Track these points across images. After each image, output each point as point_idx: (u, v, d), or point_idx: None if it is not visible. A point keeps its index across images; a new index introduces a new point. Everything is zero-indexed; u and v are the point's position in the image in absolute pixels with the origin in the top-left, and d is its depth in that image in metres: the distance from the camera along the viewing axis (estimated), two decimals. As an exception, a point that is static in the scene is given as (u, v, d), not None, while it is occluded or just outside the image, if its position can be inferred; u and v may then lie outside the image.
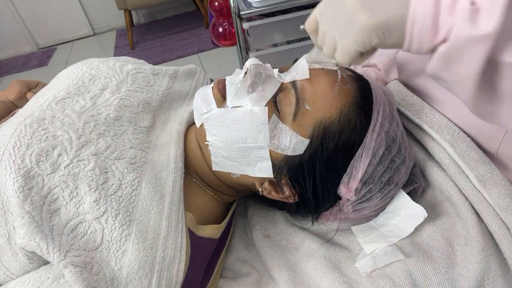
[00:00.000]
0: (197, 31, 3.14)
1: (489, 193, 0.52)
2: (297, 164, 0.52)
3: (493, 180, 0.52)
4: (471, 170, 0.53)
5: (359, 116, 0.51)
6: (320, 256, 0.56)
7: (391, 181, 0.53)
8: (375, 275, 0.52)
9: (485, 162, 0.53)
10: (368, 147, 0.51)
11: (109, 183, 0.47)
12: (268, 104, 0.51)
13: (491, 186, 0.52)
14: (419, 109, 0.60)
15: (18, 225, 0.42)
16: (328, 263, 0.55)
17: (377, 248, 0.55)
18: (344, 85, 0.52)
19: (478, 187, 0.53)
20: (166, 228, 0.47)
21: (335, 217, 0.59)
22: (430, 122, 0.58)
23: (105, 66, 0.63)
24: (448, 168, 0.57)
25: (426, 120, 0.59)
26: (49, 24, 3.34)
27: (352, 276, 0.53)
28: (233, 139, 0.52)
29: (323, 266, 0.54)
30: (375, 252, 0.54)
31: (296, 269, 0.56)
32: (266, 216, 0.64)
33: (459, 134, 0.55)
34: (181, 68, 0.75)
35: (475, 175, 0.53)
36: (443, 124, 0.57)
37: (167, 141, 0.58)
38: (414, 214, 0.55)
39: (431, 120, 0.58)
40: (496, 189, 0.52)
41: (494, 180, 0.52)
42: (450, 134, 0.56)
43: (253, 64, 0.52)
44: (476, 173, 0.53)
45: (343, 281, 0.52)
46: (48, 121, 0.50)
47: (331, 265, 0.54)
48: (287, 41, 1.62)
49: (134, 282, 0.42)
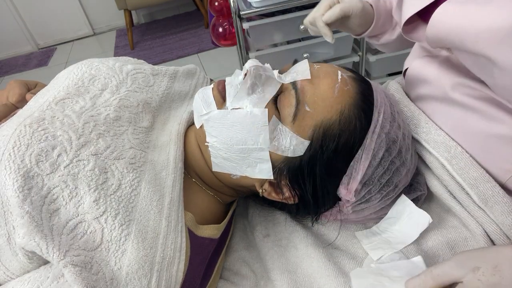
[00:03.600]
0: (197, 31, 3.14)
1: (491, 211, 0.51)
2: (297, 166, 0.52)
3: (495, 199, 0.50)
4: (471, 188, 0.52)
5: (359, 118, 0.51)
6: (323, 258, 0.55)
7: (390, 183, 0.53)
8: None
9: (485, 180, 0.51)
10: (368, 149, 0.51)
11: (109, 183, 0.47)
12: (268, 106, 0.51)
13: (493, 204, 0.51)
14: (416, 122, 0.59)
15: (18, 225, 0.42)
16: (333, 266, 0.54)
17: (383, 254, 0.54)
18: (345, 86, 0.52)
19: (480, 205, 0.52)
20: (165, 228, 0.47)
21: (335, 218, 0.59)
22: (427, 138, 0.57)
23: (104, 66, 0.63)
24: (448, 184, 0.55)
25: (422, 135, 0.58)
26: (49, 24, 3.34)
27: None
28: (233, 140, 0.52)
29: (327, 269, 0.53)
30: (382, 259, 0.53)
31: (297, 271, 0.55)
32: (266, 216, 0.64)
33: (457, 150, 0.54)
34: (180, 68, 0.75)
35: (475, 193, 0.52)
36: (440, 140, 0.56)
37: (166, 141, 0.58)
38: (419, 220, 0.54)
39: (427, 135, 0.57)
40: (498, 207, 0.50)
41: (495, 199, 0.50)
42: (448, 151, 0.54)
43: (253, 66, 0.52)
44: (477, 191, 0.51)
45: (349, 287, 0.51)
46: (47, 121, 0.50)
47: (336, 268, 0.54)
48: (287, 41, 1.62)
49: (133, 282, 0.42)
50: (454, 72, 0.56)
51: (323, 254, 0.56)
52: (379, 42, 0.78)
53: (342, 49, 1.61)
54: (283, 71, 0.57)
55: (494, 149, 0.51)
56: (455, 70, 0.56)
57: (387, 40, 0.77)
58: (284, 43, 1.61)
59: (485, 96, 0.51)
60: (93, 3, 3.37)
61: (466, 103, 0.53)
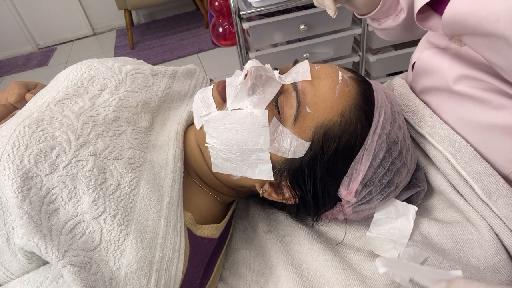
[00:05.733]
0: (197, 31, 3.14)
1: (495, 204, 0.51)
2: (298, 167, 0.51)
3: (499, 192, 0.51)
4: (475, 182, 0.52)
5: (360, 119, 0.51)
6: (328, 253, 0.55)
7: (391, 184, 0.53)
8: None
9: (489, 173, 0.52)
10: (369, 150, 0.50)
11: (108, 183, 0.47)
12: (269, 107, 0.51)
13: (497, 197, 0.51)
14: (421, 117, 0.59)
15: (17, 225, 0.42)
16: (339, 259, 0.54)
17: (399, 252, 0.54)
18: (345, 87, 0.52)
19: (484, 199, 0.52)
20: (164, 227, 0.47)
21: (335, 218, 0.59)
22: (431, 132, 0.57)
23: (104, 67, 0.63)
24: (452, 178, 0.56)
25: (427, 129, 0.58)
26: (49, 24, 3.34)
27: (366, 273, 0.53)
28: (233, 141, 0.52)
29: (333, 262, 0.53)
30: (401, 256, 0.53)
31: (303, 266, 0.55)
32: (268, 215, 0.64)
33: (461, 144, 0.54)
34: (180, 68, 0.75)
35: (480, 186, 0.52)
36: (444, 134, 0.56)
37: (166, 141, 0.58)
38: (407, 212, 0.55)
39: (432, 129, 0.57)
40: (502, 200, 0.50)
41: (500, 192, 0.51)
42: (452, 145, 0.55)
43: (253, 66, 0.52)
44: (481, 185, 0.52)
45: (356, 278, 0.52)
46: (46, 122, 0.50)
47: (342, 261, 0.54)
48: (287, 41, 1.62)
49: (132, 282, 0.42)
50: (461, 65, 0.56)
51: (327, 249, 0.56)
52: (380, 26, 0.76)
53: (342, 49, 1.61)
54: (283, 71, 0.57)
55: (498, 139, 0.52)
56: (463, 63, 0.56)
57: (388, 26, 0.74)
58: (284, 43, 1.61)
59: (491, 87, 0.51)
60: (93, 3, 3.37)
61: (472, 94, 0.53)
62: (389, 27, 0.75)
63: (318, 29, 1.49)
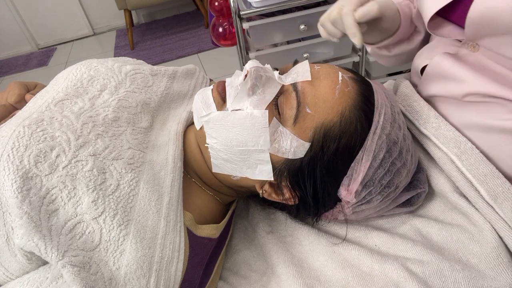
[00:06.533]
0: (197, 31, 3.14)
1: (501, 207, 0.51)
2: (298, 167, 0.51)
3: (505, 195, 0.50)
4: (481, 184, 0.51)
5: (360, 119, 0.51)
6: (329, 252, 0.55)
7: (391, 184, 0.53)
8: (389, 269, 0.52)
9: (495, 176, 0.51)
10: (369, 150, 0.50)
11: (107, 183, 0.47)
12: (269, 107, 0.51)
13: (503, 200, 0.50)
14: (426, 118, 0.59)
15: (17, 225, 0.42)
16: (339, 258, 0.54)
17: None
18: (345, 88, 0.52)
19: (489, 201, 0.51)
20: (164, 227, 0.47)
21: (335, 218, 0.59)
22: (436, 133, 0.56)
23: (103, 67, 0.63)
24: (456, 180, 0.55)
25: (432, 130, 0.57)
26: (49, 24, 3.34)
27: (365, 269, 0.53)
28: (233, 142, 0.52)
29: (334, 262, 0.54)
30: None
31: (303, 265, 0.55)
32: (268, 215, 0.64)
33: (467, 146, 0.53)
34: (180, 68, 0.75)
35: (485, 189, 0.51)
36: (450, 135, 0.55)
37: (165, 141, 0.58)
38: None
39: (437, 130, 0.56)
40: (508, 203, 0.50)
41: (505, 195, 0.50)
42: (457, 147, 0.54)
43: (253, 67, 0.52)
44: (487, 187, 0.51)
45: (356, 275, 0.52)
46: (46, 122, 0.50)
47: (342, 260, 0.54)
48: (287, 41, 1.62)
49: (132, 282, 0.42)
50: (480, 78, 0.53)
51: (328, 248, 0.56)
52: (391, 53, 0.70)
53: (342, 49, 1.61)
54: (283, 71, 0.56)
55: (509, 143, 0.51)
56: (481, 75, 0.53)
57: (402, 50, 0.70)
58: (284, 43, 1.61)
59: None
60: (93, 3, 3.37)
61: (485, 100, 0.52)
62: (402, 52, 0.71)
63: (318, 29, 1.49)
